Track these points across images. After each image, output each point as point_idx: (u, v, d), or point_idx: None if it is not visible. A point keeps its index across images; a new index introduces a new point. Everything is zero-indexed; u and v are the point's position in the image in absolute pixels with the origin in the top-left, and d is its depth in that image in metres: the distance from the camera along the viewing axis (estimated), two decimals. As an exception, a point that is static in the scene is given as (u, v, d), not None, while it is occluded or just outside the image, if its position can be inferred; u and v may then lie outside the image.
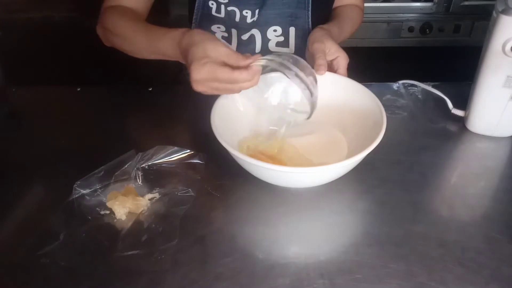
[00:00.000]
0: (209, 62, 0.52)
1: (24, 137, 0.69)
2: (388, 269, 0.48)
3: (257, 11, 0.77)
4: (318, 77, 0.66)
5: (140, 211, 0.54)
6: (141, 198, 0.55)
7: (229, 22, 0.79)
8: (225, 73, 0.51)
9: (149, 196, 0.56)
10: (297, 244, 0.52)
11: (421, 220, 0.53)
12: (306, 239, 0.52)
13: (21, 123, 0.74)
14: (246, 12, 0.77)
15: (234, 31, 0.80)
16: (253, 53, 0.83)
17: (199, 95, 0.54)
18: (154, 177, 0.58)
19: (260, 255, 0.49)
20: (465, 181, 0.60)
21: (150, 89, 0.78)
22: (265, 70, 0.56)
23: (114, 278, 0.47)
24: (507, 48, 0.57)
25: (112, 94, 0.81)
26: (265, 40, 0.82)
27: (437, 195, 0.58)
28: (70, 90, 0.79)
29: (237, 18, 0.79)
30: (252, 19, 0.78)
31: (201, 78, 0.53)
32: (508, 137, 0.66)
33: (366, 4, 1.62)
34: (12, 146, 0.67)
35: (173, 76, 1.00)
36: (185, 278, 0.47)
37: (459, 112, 0.68)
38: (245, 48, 0.82)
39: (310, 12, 0.79)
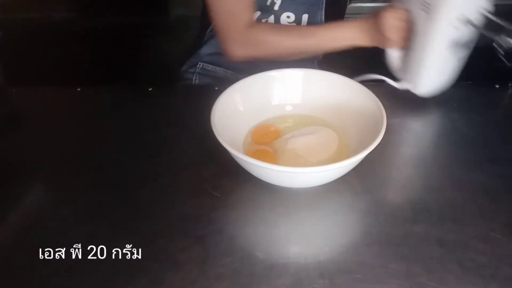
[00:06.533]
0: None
1: (24, 137, 0.69)
2: (388, 269, 0.48)
3: None
4: (320, 78, 0.67)
5: None
6: None
7: (260, 3, 0.81)
8: None
9: None
10: (297, 244, 0.52)
11: (421, 220, 0.53)
12: (306, 239, 0.52)
13: (21, 123, 0.74)
14: None
15: (257, 13, 0.82)
16: None
17: (198, 94, 0.54)
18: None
19: (260, 255, 0.49)
20: (465, 180, 0.60)
21: (150, 89, 0.78)
22: None
23: (114, 278, 0.47)
24: (452, 13, 0.59)
25: (112, 94, 0.81)
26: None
27: (437, 195, 0.58)
28: (70, 90, 0.79)
29: (268, 2, 0.81)
30: (278, 5, 0.81)
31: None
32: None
33: (366, 4, 1.63)
34: (12, 146, 0.67)
35: (173, 76, 1.01)
36: (185, 278, 0.47)
37: (405, 85, 0.68)
38: None
39: (324, 0, 0.82)
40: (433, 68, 0.66)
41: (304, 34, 0.77)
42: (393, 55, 0.71)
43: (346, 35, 0.74)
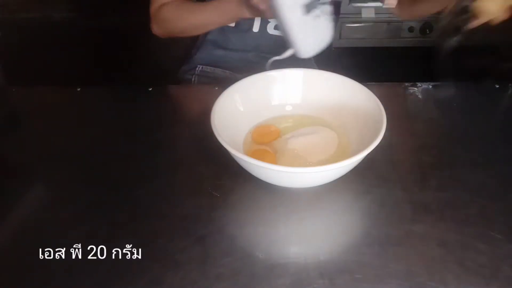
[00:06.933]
0: None
1: (24, 137, 0.69)
2: (388, 269, 0.48)
3: None
4: (320, 78, 0.67)
5: None
6: None
7: None
8: None
9: None
10: (297, 244, 0.52)
11: (421, 220, 0.53)
12: (306, 239, 0.52)
13: (21, 123, 0.74)
14: None
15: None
16: (250, 33, 0.89)
17: (198, 95, 0.54)
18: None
19: (260, 255, 0.49)
20: (465, 180, 0.60)
21: (150, 89, 0.78)
22: None
23: (114, 278, 0.47)
24: None
25: (112, 94, 0.81)
26: (264, 21, 0.86)
27: (437, 195, 0.58)
28: (70, 90, 0.79)
29: None
30: None
31: None
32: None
33: (365, 4, 1.63)
34: (12, 146, 0.67)
35: (172, 77, 1.01)
36: (185, 278, 0.47)
37: (289, 52, 0.68)
38: (243, 23, 0.87)
39: None
40: (299, 30, 0.65)
41: (199, 10, 0.81)
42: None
43: (229, 8, 0.76)
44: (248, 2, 0.70)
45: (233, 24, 0.90)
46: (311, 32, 0.65)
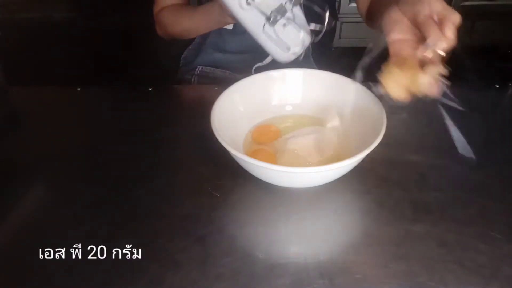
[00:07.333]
0: None
1: (24, 137, 0.69)
2: (388, 269, 0.48)
3: None
4: (320, 78, 0.67)
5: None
6: None
7: None
8: None
9: None
10: (297, 244, 0.52)
11: (421, 220, 0.53)
12: (306, 239, 0.52)
13: (21, 123, 0.74)
14: None
15: None
16: (247, 34, 0.89)
17: (198, 95, 0.54)
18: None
19: (260, 255, 0.49)
20: (465, 180, 0.60)
21: (150, 89, 0.78)
22: None
23: (114, 278, 0.47)
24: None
25: (112, 94, 0.81)
26: None
27: (437, 195, 0.58)
28: (70, 90, 0.79)
29: None
30: None
31: None
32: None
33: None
34: (12, 146, 0.67)
35: (172, 77, 1.01)
36: (185, 278, 0.47)
37: (269, 59, 0.69)
38: (240, 25, 0.86)
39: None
40: (268, 40, 0.65)
41: (189, 16, 0.86)
42: None
43: (213, 15, 0.79)
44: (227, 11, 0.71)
45: (230, 27, 0.90)
46: (282, 40, 0.65)
